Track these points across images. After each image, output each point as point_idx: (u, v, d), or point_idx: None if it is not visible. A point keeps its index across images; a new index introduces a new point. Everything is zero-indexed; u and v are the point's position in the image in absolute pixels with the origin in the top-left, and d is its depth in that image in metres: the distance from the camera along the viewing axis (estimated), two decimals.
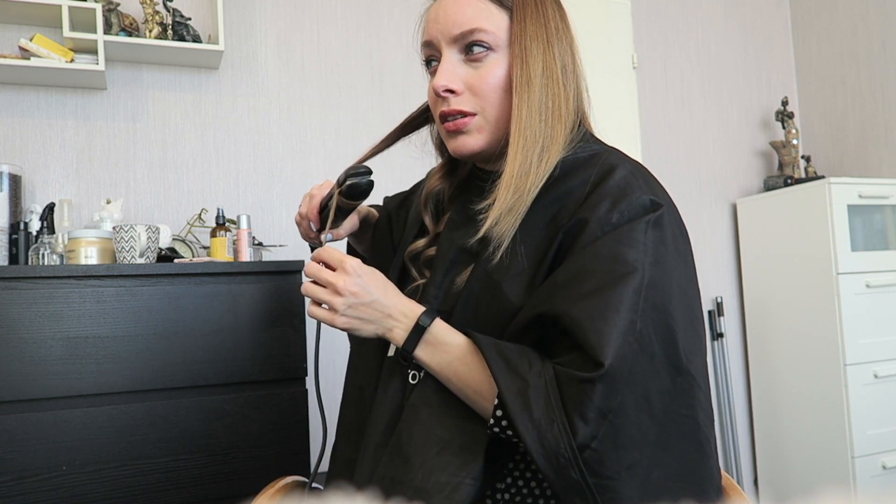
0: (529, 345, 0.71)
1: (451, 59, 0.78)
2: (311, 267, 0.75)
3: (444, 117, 0.79)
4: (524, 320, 0.70)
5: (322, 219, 0.90)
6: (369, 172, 0.83)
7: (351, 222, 0.97)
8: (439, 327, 0.74)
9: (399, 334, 0.75)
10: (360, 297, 0.73)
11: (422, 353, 0.74)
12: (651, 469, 0.64)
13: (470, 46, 0.77)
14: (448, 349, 0.73)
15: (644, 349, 0.65)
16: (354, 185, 0.82)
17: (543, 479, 0.72)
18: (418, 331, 0.73)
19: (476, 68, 0.77)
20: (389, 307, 0.75)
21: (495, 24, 0.76)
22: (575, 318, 0.65)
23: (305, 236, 0.96)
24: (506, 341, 0.71)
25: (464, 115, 0.78)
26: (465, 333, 0.74)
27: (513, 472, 0.73)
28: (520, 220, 0.73)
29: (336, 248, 0.77)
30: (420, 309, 0.75)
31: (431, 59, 0.81)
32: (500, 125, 0.78)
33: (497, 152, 0.80)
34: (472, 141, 0.79)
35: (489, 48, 0.76)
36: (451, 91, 0.77)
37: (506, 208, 0.72)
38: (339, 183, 0.83)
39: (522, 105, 0.75)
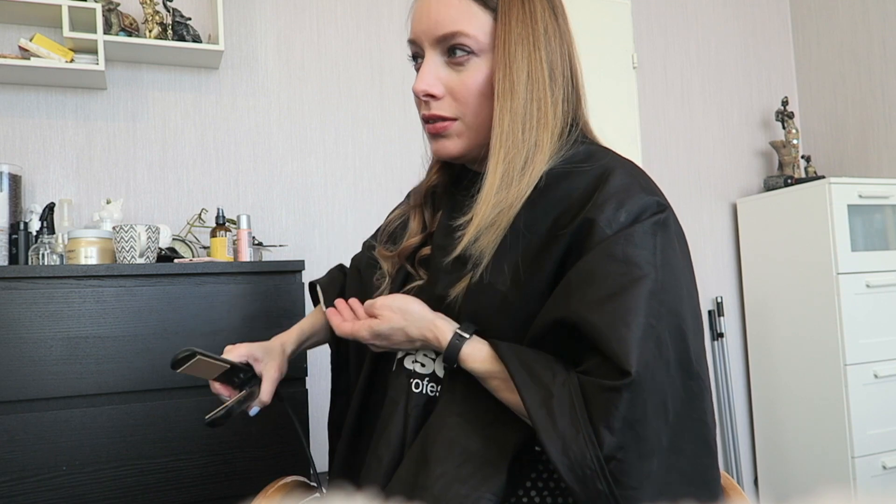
0: (550, 351, 0.69)
1: (433, 60, 0.76)
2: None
3: (426, 120, 0.78)
4: (542, 326, 0.69)
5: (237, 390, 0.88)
6: (192, 355, 0.79)
7: (271, 379, 0.89)
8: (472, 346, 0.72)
9: (445, 335, 0.73)
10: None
11: (468, 349, 0.72)
12: (667, 475, 0.63)
13: (452, 49, 0.74)
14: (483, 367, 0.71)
15: (662, 354, 0.64)
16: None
17: (544, 488, 0.71)
18: (459, 338, 0.72)
19: (458, 72, 0.75)
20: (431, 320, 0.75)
21: (478, 26, 0.73)
22: (595, 325, 0.64)
23: None
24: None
25: (444, 119, 0.76)
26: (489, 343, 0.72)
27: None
28: (501, 234, 0.71)
29: None
30: (452, 326, 0.74)
31: (416, 55, 0.79)
32: (482, 130, 0.76)
33: (482, 155, 0.77)
34: (452, 145, 0.77)
35: (471, 52, 0.74)
36: (432, 95, 0.75)
37: (485, 224, 0.70)
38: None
39: (504, 114, 0.72)
